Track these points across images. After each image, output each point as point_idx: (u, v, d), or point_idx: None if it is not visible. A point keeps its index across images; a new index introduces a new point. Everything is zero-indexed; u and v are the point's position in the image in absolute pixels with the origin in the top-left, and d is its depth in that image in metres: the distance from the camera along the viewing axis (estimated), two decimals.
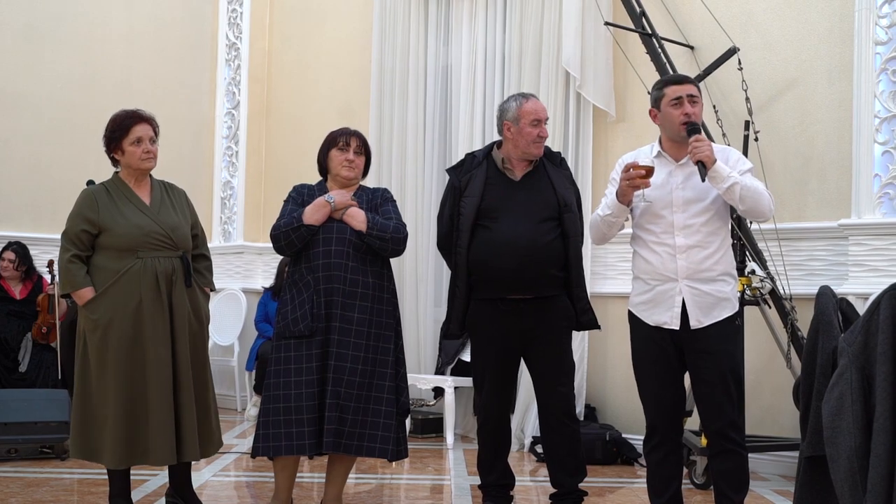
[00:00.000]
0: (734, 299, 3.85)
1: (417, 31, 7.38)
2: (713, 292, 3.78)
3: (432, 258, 7.16)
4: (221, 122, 8.96)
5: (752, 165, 3.92)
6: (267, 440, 4.04)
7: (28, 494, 4.74)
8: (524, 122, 4.25)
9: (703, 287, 3.78)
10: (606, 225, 3.96)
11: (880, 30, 5.22)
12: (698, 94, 3.87)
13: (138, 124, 4.23)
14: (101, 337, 4.09)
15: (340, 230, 4.12)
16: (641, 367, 3.92)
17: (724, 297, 3.80)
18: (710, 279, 3.79)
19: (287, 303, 4.16)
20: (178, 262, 4.22)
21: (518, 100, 4.33)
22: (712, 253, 3.79)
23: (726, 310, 3.80)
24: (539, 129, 4.26)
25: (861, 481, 2.72)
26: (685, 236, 3.79)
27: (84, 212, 4.17)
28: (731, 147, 4.09)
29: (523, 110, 4.26)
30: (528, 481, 5.38)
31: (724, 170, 3.71)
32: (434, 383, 6.77)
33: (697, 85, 3.93)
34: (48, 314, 6.91)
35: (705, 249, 3.79)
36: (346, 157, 4.24)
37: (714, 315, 3.79)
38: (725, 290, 3.80)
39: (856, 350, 2.82)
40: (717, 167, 3.70)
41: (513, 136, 4.30)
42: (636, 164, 3.74)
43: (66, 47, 8.20)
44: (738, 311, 3.87)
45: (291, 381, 4.04)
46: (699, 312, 3.78)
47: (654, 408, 3.90)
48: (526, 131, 4.26)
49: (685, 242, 3.78)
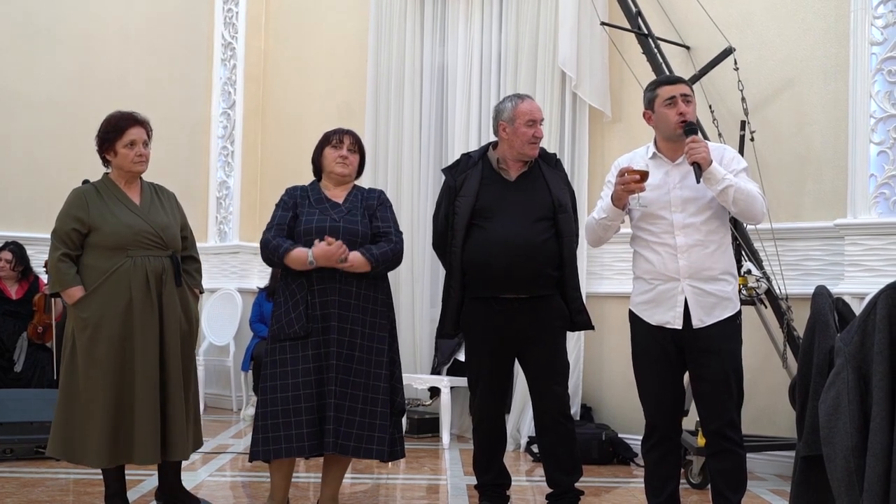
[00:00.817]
0: (735, 298, 3.86)
1: (413, 31, 7.38)
2: (715, 292, 3.79)
3: (428, 258, 7.16)
4: (217, 122, 8.95)
5: (747, 165, 3.92)
6: (266, 444, 4.02)
7: (24, 495, 4.73)
8: (519, 122, 4.26)
9: (705, 286, 3.79)
10: (602, 228, 3.96)
11: (876, 30, 5.22)
12: (691, 93, 3.88)
13: (133, 127, 4.23)
14: (90, 336, 4.09)
15: (333, 230, 4.10)
16: (642, 366, 3.92)
17: (726, 297, 3.81)
18: (712, 278, 3.80)
19: (281, 305, 4.14)
20: (168, 261, 4.23)
21: (513, 100, 4.35)
22: (713, 252, 3.80)
23: (728, 309, 3.81)
24: (534, 129, 4.27)
25: (858, 481, 2.72)
26: (685, 235, 3.79)
27: (74, 211, 4.17)
28: (726, 146, 4.09)
29: (518, 111, 4.27)
30: (525, 481, 5.38)
31: (718, 172, 3.72)
32: (430, 383, 6.77)
33: (690, 84, 3.94)
34: (44, 314, 6.90)
35: (706, 248, 3.80)
36: (339, 154, 4.23)
37: (716, 314, 3.80)
38: (727, 290, 3.81)
39: (852, 350, 2.82)
40: (712, 169, 3.70)
41: (508, 137, 4.31)
42: (630, 169, 3.74)
43: (61, 47, 8.19)
44: (738, 311, 3.87)
45: (289, 382, 4.02)
46: (701, 312, 3.79)
47: (654, 407, 3.91)
48: (521, 132, 4.26)
49: (686, 242, 3.79)
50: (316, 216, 4.15)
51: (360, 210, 4.22)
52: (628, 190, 3.73)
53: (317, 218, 4.15)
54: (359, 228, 4.16)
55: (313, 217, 4.15)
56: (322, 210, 4.18)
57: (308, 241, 4.09)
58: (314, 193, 4.25)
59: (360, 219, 4.19)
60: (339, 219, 4.15)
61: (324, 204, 4.21)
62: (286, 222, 4.17)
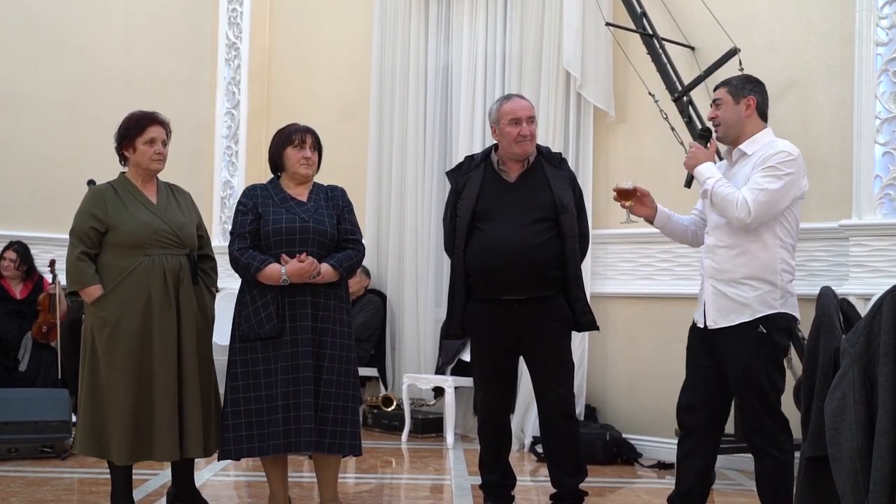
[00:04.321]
0: (756, 305, 3.76)
1: (418, 31, 7.38)
2: (734, 296, 3.78)
3: (432, 258, 7.16)
4: (221, 122, 8.95)
5: (771, 164, 3.74)
6: (239, 442, 4.05)
7: (29, 493, 4.74)
8: (503, 122, 4.29)
9: (723, 288, 3.81)
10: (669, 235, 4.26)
11: (881, 30, 5.22)
12: (721, 96, 3.97)
13: (153, 125, 4.27)
14: (109, 334, 4.10)
15: (303, 230, 4.12)
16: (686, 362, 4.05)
17: (744, 303, 3.76)
18: (733, 281, 3.79)
19: (248, 304, 4.13)
20: (185, 259, 4.25)
21: (499, 101, 4.40)
22: (738, 254, 3.79)
23: (743, 315, 3.76)
24: (519, 128, 4.27)
25: (863, 482, 2.72)
26: (715, 237, 3.87)
27: (92, 209, 4.19)
28: (781, 144, 3.83)
29: (502, 111, 4.31)
30: (529, 481, 5.38)
31: (702, 174, 3.85)
32: (434, 383, 6.77)
33: (727, 86, 4.00)
34: (48, 313, 6.90)
35: (731, 250, 3.81)
36: (303, 155, 4.22)
37: (730, 318, 3.78)
38: (747, 296, 3.75)
39: (858, 351, 2.82)
40: (696, 172, 3.87)
41: (498, 137, 4.36)
42: (616, 186, 4.08)
43: (65, 47, 8.19)
44: (761, 319, 3.75)
45: (261, 382, 4.05)
46: (716, 314, 3.82)
47: (684, 395, 4.00)
48: (506, 131, 4.28)
49: (714, 242, 3.88)
50: (284, 215, 4.15)
51: (327, 209, 4.23)
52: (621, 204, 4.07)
53: (285, 217, 4.15)
54: (327, 230, 4.18)
55: (281, 216, 4.15)
56: (288, 209, 4.17)
57: (278, 241, 4.10)
58: (277, 192, 4.24)
59: (328, 219, 4.21)
60: (307, 218, 4.16)
61: (289, 203, 4.20)
62: (248, 228, 4.16)
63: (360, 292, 7.37)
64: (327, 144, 4.45)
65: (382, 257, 7.53)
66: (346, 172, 7.47)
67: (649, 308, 6.19)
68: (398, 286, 7.40)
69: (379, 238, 7.53)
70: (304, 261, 4.05)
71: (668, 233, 4.21)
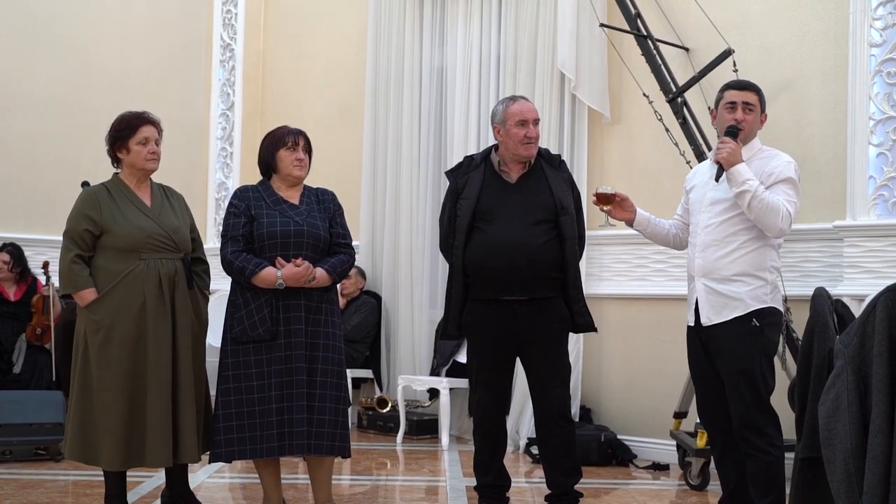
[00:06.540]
0: (748, 300, 3.88)
1: (412, 33, 7.38)
2: (726, 292, 3.88)
3: (427, 259, 7.16)
4: (216, 124, 8.94)
5: (790, 176, 3.92)
6: (230, 445, 4.04)
7: (23, 496, 4.73)
8: (510, 123, 4.28)
9: (716, 286, 3.91)
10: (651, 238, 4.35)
11: (875, 32, 5.22)
12: (755, 102, 3.99)
13: (146, 125, 4.25)
14: (103, 338, 4.08)
15: (298, 234, 4.11)
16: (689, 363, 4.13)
17: (738, 298, 3.87)
18: (725, 278, 3.89)
19: (241, 307, 4.11)
20: (179, 263, 4.23)
21: (505, 102, 4.39)
22: (729, 252, 3.90)
23: (738, 310, 3.87)
24: (525, 129, 4.27)
25: (857, 483, 2.73)
26: (705, 235, 3.95)
27: (86, 211, 4.15)
28: (784, 156, 4.04)
29: (509, 112, 4.30)
30: (524, 482, 5.37)
31: (741, 175, 3.82)
32: (429, 384, 6.77)
33: (760, 95, 4.04)
34: (42, 315, 6.88)
35: (722, 249, 3.90)
36: (296, 157, 4.22)
37: (724, 314, 3.88)
38: (740, 291, 3.87)
39: (852, 352, 2.82)
40: (734, 170, 3.83)
41: (502, 139, 4.34)
42: (597, 190, 4.20)
43: (60, 47, 8.18)
44: (754, 312, 3.88)
45: (253, 384, 4.03)
46: (710, 310, 3.91)
47: (698, 404, 4.11)
48: (512, 133, 4.28)
49: (703, 241, 3.96)
50: (277, 218, 4.14)
51: (319, 212, 4.23)
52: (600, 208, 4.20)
53: (279, 220, 4.13)
54: (321, 233, 4.17)
55: (275, 219, 4.13)
56: (281, 212, 4.16)
57: (272, 244, 4.08)
58: (269, 194, 4.22)
59: (321, 223, 4.20)
60: (301, 222, 4.15)
61: (282, 205, 4.19)
62: (241, 231, 4.14)
63: (356, 293, 7.37)
64: (322, 146, 4.46)
65: (377, 258, 7.53)
66: (340, 173, 7.48)
67: (644, 309, 6.19)
68: (393, 287, 7.40)
69: (374, 239, 7.52)
70: (300, 265, 4.04)
71: (649, 236, 4.34)
